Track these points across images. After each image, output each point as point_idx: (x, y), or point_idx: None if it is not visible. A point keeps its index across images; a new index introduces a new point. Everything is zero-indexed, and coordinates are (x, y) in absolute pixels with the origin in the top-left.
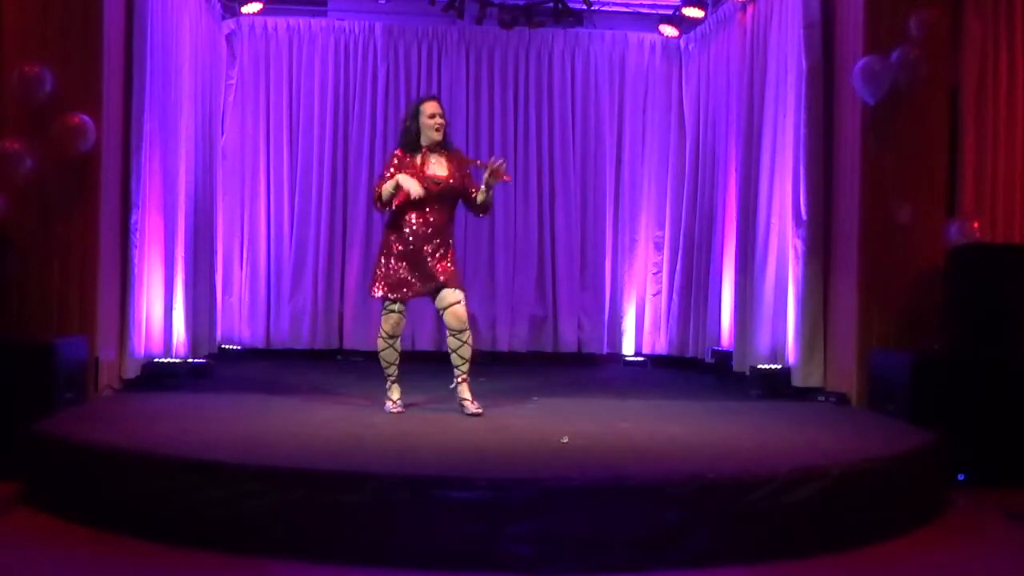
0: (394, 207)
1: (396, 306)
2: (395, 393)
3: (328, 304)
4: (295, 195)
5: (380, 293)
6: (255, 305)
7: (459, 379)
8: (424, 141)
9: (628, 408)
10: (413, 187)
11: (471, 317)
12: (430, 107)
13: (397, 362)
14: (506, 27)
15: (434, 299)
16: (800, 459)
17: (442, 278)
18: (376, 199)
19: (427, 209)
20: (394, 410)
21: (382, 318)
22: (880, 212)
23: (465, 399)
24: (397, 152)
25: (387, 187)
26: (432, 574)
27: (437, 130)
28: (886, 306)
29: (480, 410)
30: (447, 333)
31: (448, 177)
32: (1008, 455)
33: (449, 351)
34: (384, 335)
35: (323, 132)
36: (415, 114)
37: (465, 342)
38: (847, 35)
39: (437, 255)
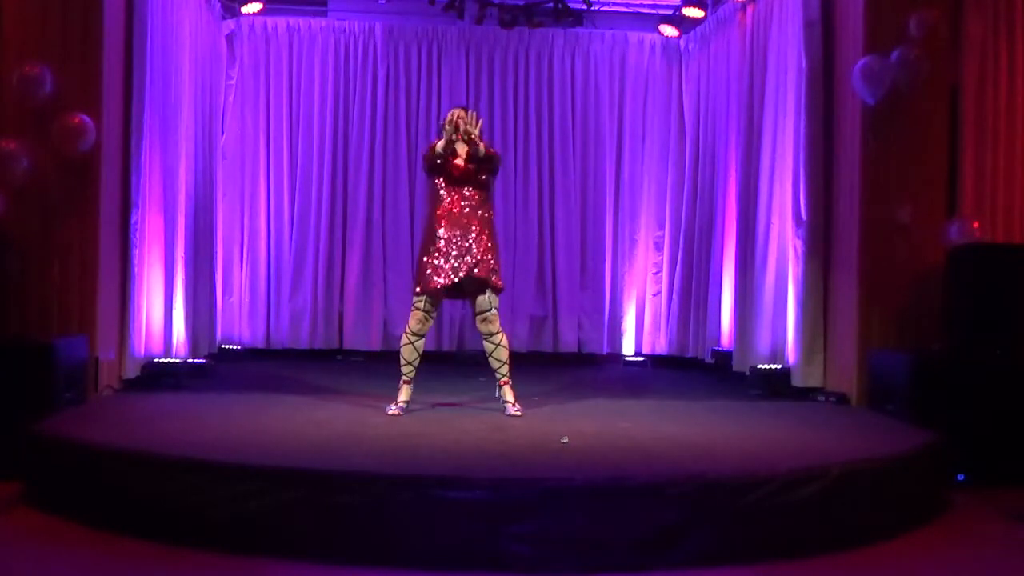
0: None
1: (422, 303)
2: (403, 395)
3: (328, 304)
4: (295, 195)
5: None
6: (255, 305)
7: (499, 382)
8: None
9: (628, 408)
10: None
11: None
12: (450, 115)
13: (415, 362)
14: (506, 27)
15: (473, 300)
16: (800, 459)
17: (478, 271)
18: (428, 161)
19: (453, 193)
20: (391, 412)
21: (410, 314)
22: (880, 212)
23: (507, 401)
24: (433, 142)
25: (440, 144)
26: (432, 574)
27: (455, 131)
28: (886, 306)
29: (520, 412)
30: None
31: (464, 161)
32: (1008, 455)
33: (487, 355)
34: (408, 331)
35: (323, 132)
36: (444, 121)
37: (498, 344)
38: (847, 35)
39: (472, 235)
